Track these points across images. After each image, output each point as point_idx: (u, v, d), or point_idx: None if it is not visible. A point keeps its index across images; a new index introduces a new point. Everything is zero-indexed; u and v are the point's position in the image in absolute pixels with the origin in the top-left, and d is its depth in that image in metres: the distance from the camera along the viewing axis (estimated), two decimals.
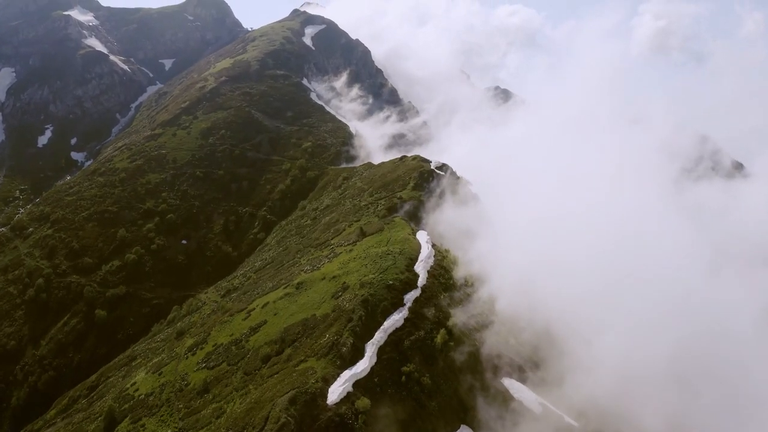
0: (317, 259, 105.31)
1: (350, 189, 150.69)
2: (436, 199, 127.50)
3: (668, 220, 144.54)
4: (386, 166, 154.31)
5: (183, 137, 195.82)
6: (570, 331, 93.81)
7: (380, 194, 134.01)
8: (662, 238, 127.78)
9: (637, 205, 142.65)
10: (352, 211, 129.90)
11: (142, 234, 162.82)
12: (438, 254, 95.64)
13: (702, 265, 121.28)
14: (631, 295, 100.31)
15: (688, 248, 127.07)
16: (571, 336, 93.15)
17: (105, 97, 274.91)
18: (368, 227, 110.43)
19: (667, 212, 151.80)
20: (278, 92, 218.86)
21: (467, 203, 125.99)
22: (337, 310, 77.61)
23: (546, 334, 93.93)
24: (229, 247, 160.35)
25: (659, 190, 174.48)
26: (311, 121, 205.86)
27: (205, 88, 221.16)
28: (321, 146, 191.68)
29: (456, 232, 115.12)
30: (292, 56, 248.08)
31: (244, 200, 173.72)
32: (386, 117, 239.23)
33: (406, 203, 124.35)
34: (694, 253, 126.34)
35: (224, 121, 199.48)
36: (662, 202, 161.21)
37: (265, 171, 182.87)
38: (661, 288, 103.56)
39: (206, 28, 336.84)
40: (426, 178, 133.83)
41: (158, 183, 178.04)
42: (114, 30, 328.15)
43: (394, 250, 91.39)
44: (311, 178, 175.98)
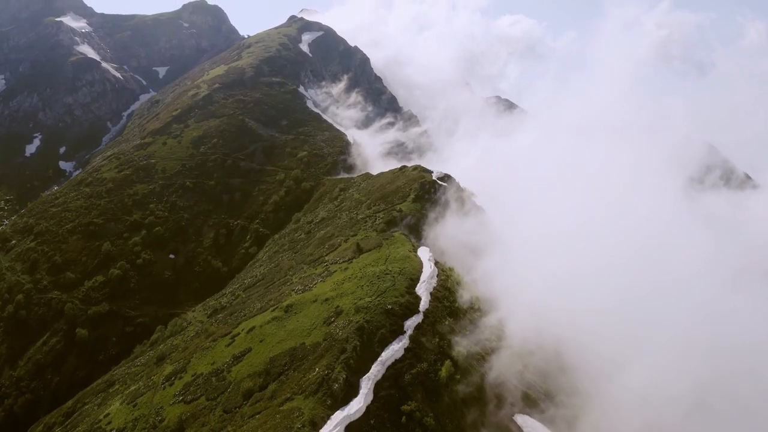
0: (310, 278, 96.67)
1: (347, 201, 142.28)
2: (439, 212, 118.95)
3: (685, 231, 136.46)
4: (385, 177, 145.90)
5: (173, 146, 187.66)
6: (588, 356, 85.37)
7: (378, 207, 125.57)
8: (680, 250, 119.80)
9: (651, 216, 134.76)
10: (348, 225, 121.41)
11: (128, 248, 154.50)
12: (441, 273, 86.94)
13: (725, 278, 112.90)
14: (652, 312, 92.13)
15: (708, 260, 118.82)
16: (590, 361, 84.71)
17: (96, 105, 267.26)
18: (365, 243, 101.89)
19: (682, 223, 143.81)
20: (273, 100, 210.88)
21: (472, 216, 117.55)
22: (328, 339, 68.87)
23: (561, 359, 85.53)
24: (218, 262, 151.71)
25: (673, 201, 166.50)
26: (307, 129, 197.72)
27: (197, 95, 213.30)
28: (317, 156, 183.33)
29: (460, 248, 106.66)
30: (288, 63, 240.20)
31: (235, 212, 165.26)
32: (385, 125, 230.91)
33: (406, 217, 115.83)
34: (716, 265, 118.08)
35: (216, 130, 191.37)
36: (676, 213, 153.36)
37: (258, 181, 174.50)
38: (684, 303, 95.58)
39: (202, 35, 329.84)
40: (428, 190, 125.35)
41: (146, 194, 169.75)
42: (107, 37, 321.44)
43: (393, 270, 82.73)
44: (306, 189, 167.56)
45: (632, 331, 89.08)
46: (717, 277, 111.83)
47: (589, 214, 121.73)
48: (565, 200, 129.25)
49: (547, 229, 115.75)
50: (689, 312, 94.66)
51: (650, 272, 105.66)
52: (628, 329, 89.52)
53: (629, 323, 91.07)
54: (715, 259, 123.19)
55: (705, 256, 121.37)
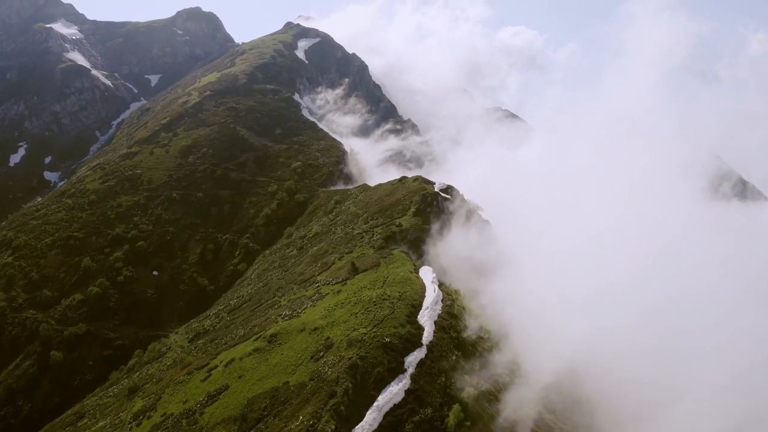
0: (299, 301, 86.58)
1: (342, 214, 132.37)
2: (442, 226, 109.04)
3: (701, 239, 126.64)
4: (384, 189, 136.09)
5: (160, 156, 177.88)
6: (613, 389, 75.04)
7: (376, 221, 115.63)
8: (698, 259, 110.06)
9: (665, 225, 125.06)
10: (343, 241, 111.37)
11: (109, 264, 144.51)
12: (447, 298, 76.82)
13: (745, 287, 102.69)
14: (678, 330, 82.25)
15: (728, 270, 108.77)
16: (615, 395, 74.34)
17: (84, 114, 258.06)
18: (361, 262, 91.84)
19: (697, 232, 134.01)
20: (267, 108, 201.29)
21: (479, 231, 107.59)
22: (316, 379, 58.64)
23: (582, 394, 75.23)
24: (205, 280, 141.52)
25: (686, 211, 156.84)
26: (302, 138, 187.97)
27: (188, 103, 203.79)
28: (312, 166, 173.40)
29: (466, 266, 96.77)
30: (284, 70, 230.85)
31: (224, 226, 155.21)
32: (384, 134, 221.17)
33: (406, 232, 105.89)
34: (735, 274, 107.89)
35: (206, 139, 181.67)
36: (690, 222, 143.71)
37: (249, 193, 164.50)
38: (710, 318, 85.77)
39: (196, 42, 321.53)
40: (429, 203, 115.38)
41: (130, 206, 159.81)
42: (99, 44, 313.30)
43: (392, 294, 72.58)
44: (300, 201, 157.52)
45: (662, 358, 78.93)
46: (737, 287, 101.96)
47: (602, 225, 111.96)
48: (577, 212, 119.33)
49: (559, 243, 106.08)
50: (717, 329, 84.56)
51: (670, 282, 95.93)
52: (657, 355, 79.32)
53: (657, 347, 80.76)
54: (734, 268, 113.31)
55: (723, 265, 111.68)
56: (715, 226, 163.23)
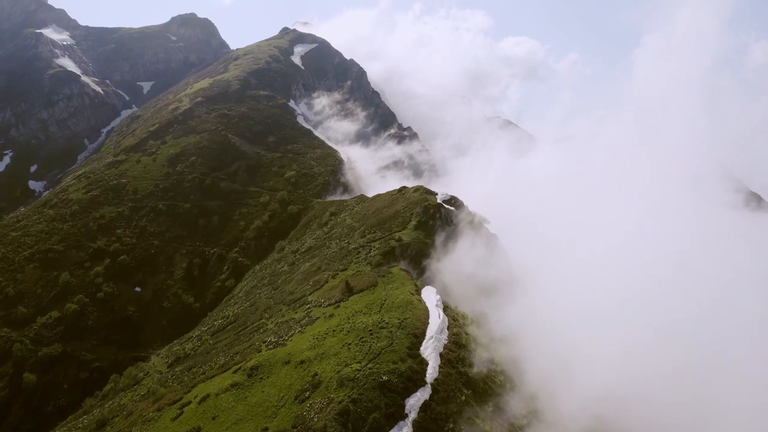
0: (286, 326, 77.21)
1: (338, 227, 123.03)
2: (446, 241, 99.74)
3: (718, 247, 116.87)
4: (382, 199, 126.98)
5: (147, 164, 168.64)
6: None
7: (374, 234, 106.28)
8: (717, 266, 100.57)
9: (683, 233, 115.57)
10: (338, 257, 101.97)
11: (89, 279, 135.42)
12: (453, 324, 67.35)
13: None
14: (710, 349, 72.76)
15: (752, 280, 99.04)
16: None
17: (73, 121, 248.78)
18: (357, 281, 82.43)
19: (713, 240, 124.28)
20: (260, 114, 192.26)
21: (486, 247, 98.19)
22: (300, 426, 49.10)
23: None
24: (190, 297, 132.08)
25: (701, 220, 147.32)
26: (297, 147, 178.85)
27: (178, 109, 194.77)
28: (306, 176, 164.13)
29: (473, 286, 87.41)
30: (279, 76, 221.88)
31: (212, 239, 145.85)
32: (383, 142, 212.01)
33: (407, 247, 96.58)
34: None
35: (196, 147, 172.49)
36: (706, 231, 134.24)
37: (239, 204, 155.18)
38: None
39: (190, 49, 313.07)
40: (432, 215, 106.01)
41: (113, 217, 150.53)
42: (90, 50, 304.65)
43: (391, 322, 63.12)
44: (293, 213, 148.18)
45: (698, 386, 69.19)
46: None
47: (621, 238, 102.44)
48: (592, 224, 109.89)
49: (576, 259, 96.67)
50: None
51: (694, 293, 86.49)
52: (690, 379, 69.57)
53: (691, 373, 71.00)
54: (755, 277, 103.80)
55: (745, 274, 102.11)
56: (738, 237, 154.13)
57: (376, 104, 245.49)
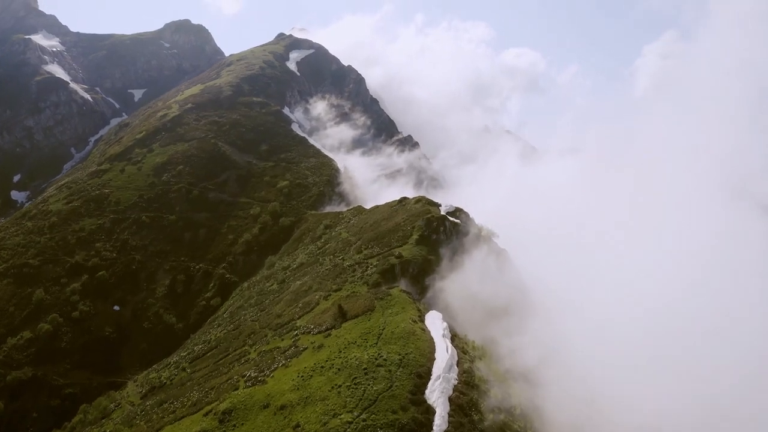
0: (270, 357, 67.24)
1: (332, 241, 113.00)
2: (451, 257, 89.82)
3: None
4: (381, 211, 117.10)
5: (132, 174, 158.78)
6: None
7: (372, 250, 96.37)
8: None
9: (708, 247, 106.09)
10: (331, 275, 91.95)
11: (64, 296, 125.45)
12: (463, 358, 57.29)
13: None
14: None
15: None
16: None
17: (59, 129, 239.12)
18: (351, 304, 72.47)
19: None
20: (252, 122, 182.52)
21: (495, 264, 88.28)
22: None
23: None
24: (172, 317, 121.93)
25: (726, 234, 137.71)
26: (290, 155, 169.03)
27: (166, 116, 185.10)
28: (300, 186, 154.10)
29: (482, 309, 77.48)
30: (273, 82, 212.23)
31: (198, 254, 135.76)
32: (382, 152, 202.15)
33: (407, 265, 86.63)
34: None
35: (183, 155, 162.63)
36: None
37: (228, 216, 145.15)
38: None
39: (183, 56, 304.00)
40: (435, 228, 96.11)
41: (93, 230, 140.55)
42: (81, 57, 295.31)
43: (390, 358, 53.08)
44: (285, 226, 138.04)
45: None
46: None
47: (648, 255, 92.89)
48: (614, 237, 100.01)
49: (598, 277, 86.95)
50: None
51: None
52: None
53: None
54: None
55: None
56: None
57: (375, 112, 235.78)
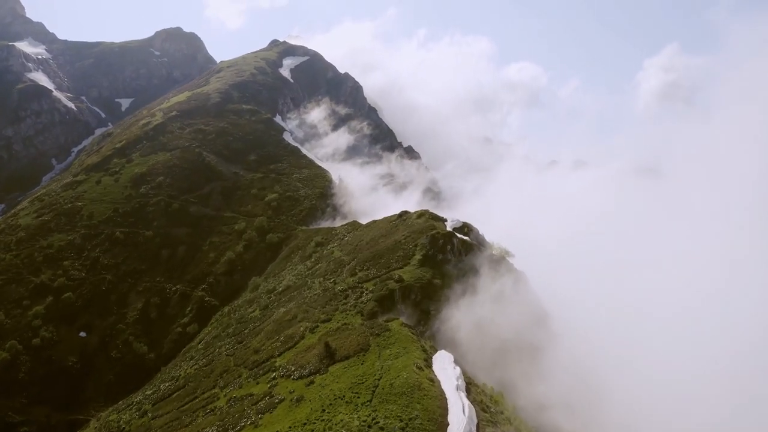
0: (239, 408, 54.03)
1: (324, 261, 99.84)
2: (460, 281, 76.75)
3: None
4: (379, 227, 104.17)
5: (108, 185, 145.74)
6: None
7: (367, 272, 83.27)
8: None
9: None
10: (320, 301, 78.71)
11: (26, 321, 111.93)
12: (485, 421, 43.99)
13: None
14: None
15: None
16: None
17: (40, 139, 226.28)
18: (342, 341, 59.29)
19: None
20: (241, 130, 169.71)
21: (512, 289, 75.20)
22: None
23: None
24: (144, 346, 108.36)
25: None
26: (281, 166, 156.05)
27: (149, 124, 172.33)
28: (290, 199, 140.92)
29: (498, 345, 64.36)
30: (264, 89, 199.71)
31: (176, 274, 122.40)
32: (380, 163, 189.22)
33: (409, 291, 73.61)
34: None
35: (165, 166, 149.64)
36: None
37: (211, 232, 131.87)
38: None
39: (174, 64, 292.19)
40: (441, 247, 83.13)
41: (62, 247, 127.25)
42: (68, 65, 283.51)
43: (388, 426, 39.38)
44: (273, 243, 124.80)
45: None
46: None
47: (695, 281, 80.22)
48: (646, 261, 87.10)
49: (628, 302, 73.99)
50: None
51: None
52: None
53: None
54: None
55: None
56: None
57: (374, 120, 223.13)
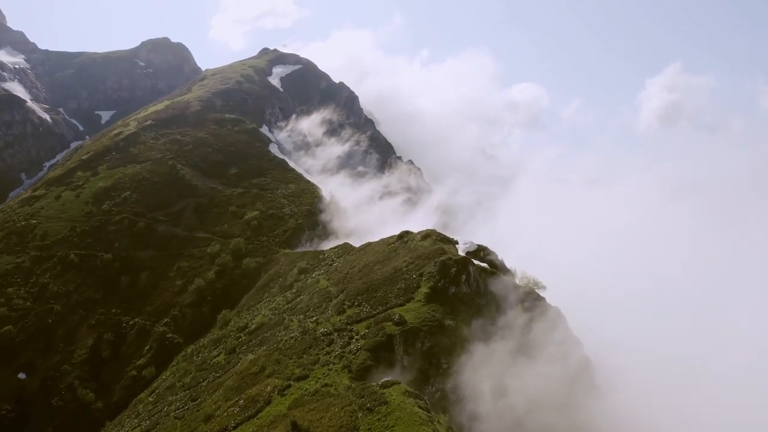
0: None
1: (307, 292, 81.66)
2: (481, 324, 58.66)
3: None
4: (375, 251, 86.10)
5: (68, 201, 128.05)
6: None
7: (360, 308, 65.20)
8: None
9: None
10: (297, 348, 60.48)
11: None
12: None
13: None
14: None
15: None
16: None
17: (9, 152, 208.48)
18: (316, 418, 41.16)
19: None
20: (221, 141, 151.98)
21: (548, 333, 57.09)
22: None
23: None
24: (90, 393, 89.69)
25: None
26: (265, 181, 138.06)
27: (120, 134, 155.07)
28: (273, 217, 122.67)
29: (535, 418, 46.26)
30: (250, 97, 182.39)
31: (136, 304, 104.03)
32: (377, 177, 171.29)
33: (414, 337, 55.48)
34: None
35: (133, 180, 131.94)
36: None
37: (180, 255, 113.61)
38: None
39: (159, 75, 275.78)
40: (454, 277, 64.83)
41: (9, 271, 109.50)
42: (46, 75, 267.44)
43: None
44: (250, 269, 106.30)
45: None
46: None
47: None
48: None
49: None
50: None
51: None
52: None
53: None
54: None
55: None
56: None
57: (370, 132, 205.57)
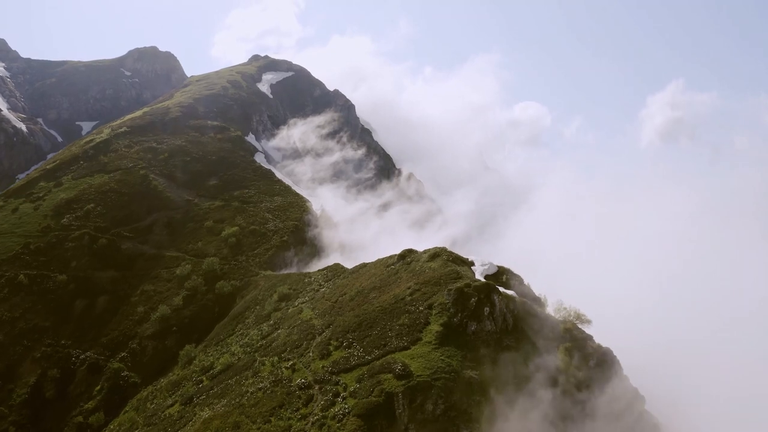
0: None
1: (287, 324, 66.30)
2: (511, 373, 43.56)
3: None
4: (371, 273, 70.90)
5: (25, 214, 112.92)
6: None
7: (350, 350, 50.08)
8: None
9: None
10: (265, 406, 45.25)
11: None
12: None
13: None
14: None
15: None
16: None
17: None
18: None
19: None
20: (201, 149, 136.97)
21: (601, 383, 42.08)
22: None
23: None
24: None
25: None
26: (247, 193, 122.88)
27: (91, 142, 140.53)
28: (255, 234, 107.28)
29: None
30: (236, 104, 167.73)
31: (89, 335, 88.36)
32: (374, 191, 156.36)
33: (425, 395, 40.24)
34: None
35: (98, 191, 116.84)
36: None
37: (145, 277, 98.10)
38: None
39: (145, 85, 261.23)
40: (474, 310, 49.55)
41: None
42: (27, 84, 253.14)
43: None
44: (224, 294, 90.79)
45: None
46: None
47: None
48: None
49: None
50: None
51: None
52: None
53: None
54: None
55: None
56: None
57: (367, 143, 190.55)
